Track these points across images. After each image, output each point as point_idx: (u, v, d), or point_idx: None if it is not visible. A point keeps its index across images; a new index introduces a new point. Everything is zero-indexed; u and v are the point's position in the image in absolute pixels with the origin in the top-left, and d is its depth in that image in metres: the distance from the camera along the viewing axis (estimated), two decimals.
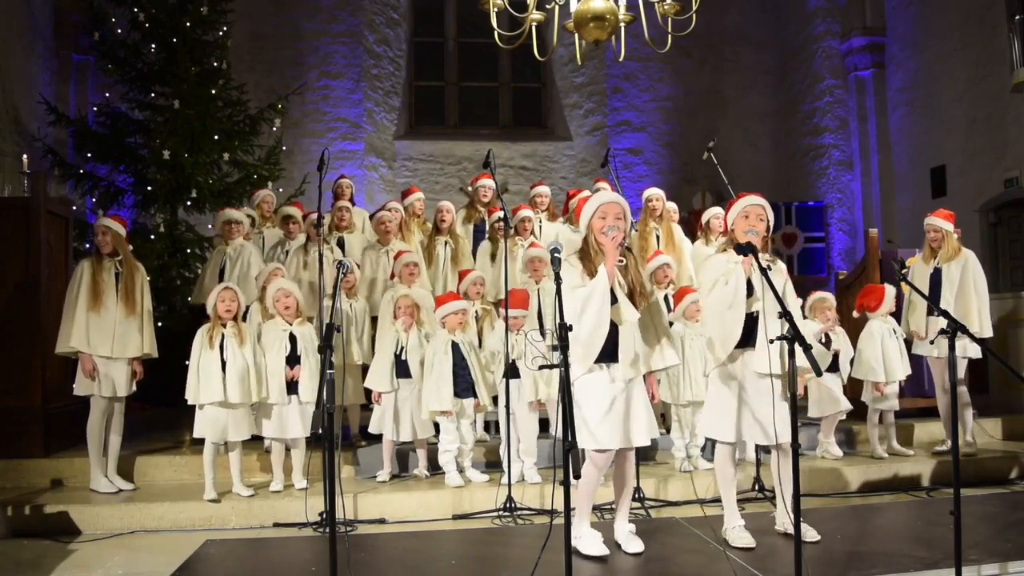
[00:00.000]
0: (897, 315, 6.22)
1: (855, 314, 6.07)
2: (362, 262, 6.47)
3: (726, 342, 3.91)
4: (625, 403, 3.74)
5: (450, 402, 5.15)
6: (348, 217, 6.87)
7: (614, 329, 3.72)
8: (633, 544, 3.91)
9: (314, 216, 6.11)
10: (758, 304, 3.80)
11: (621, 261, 3.79)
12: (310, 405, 5.16)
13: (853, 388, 5.96)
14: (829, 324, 5.59)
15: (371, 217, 7.04)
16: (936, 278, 5.87)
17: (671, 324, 5.42)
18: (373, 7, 12.76)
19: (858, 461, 5.81)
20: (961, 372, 5.90)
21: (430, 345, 5.29)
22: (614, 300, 3.71)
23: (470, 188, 7.51)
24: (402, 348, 5.34)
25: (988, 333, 5.79)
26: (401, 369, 5.33)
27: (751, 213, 3.98)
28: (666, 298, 5.74)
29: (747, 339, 3.87)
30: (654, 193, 6.88)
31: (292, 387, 5.19)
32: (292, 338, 5.23)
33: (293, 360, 5.19)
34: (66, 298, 5.19)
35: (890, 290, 5.93)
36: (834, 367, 5.70)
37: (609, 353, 3.72)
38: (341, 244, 6.72)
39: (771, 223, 4.03)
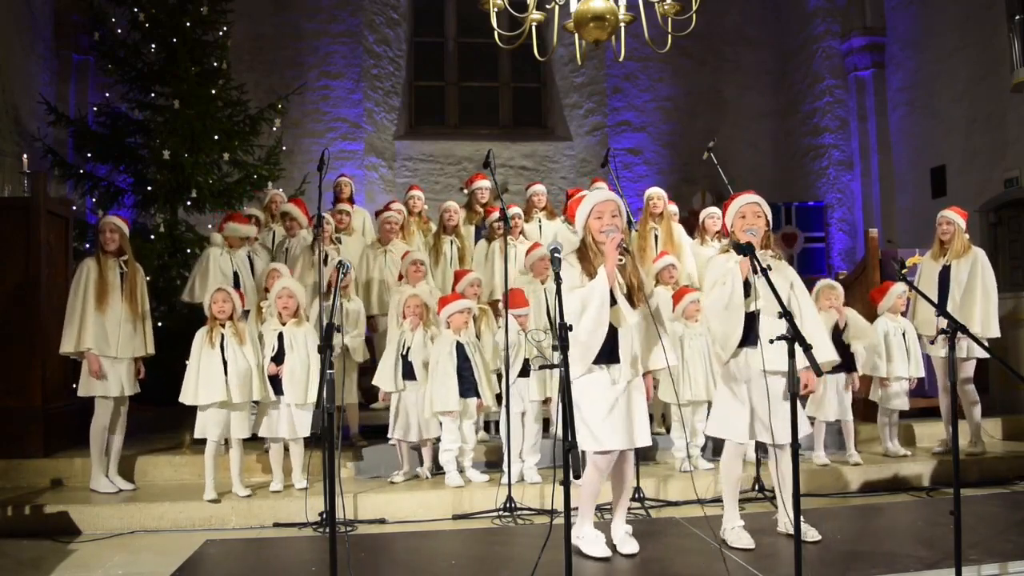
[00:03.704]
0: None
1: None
2: (359, 261, 6.46)
3: (727, 342, 3.92)
4: (626, 404, 3.74)
5: (456, 402, 5.15)
6: (347, 220, 6.88)
7: (613, 331, 3.71)
8: (628, 545, 3.90)
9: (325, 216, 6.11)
10: (758, 303, 3.80)
11: (620, 261, 3.77)
12: (297, 406, 5.15)
13: (863, 386, 5.95)
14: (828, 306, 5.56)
15: (376, 215, 7.02)
16: (945, 276, 5.82)
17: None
18: (373, 7, 12.75)
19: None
20: (970, 372, 5.89)
21: (435, 346, 5.29)
22: (613, 302, 3.70)
23: (466, 192, 7.50)
24: (407, 349, 5.33)
25: (994, 333, 5.70)
26: (406, 370, 5.32)
27: (748, 212, 4.00)
28: None
29: (749, 338, 3.87)
30: (656, 192, 6.85)
31: (279, 386, 5.17)
32: (281, 337, 5.21)
33: (280, 359, 5.18)
34: (70, 298, 5.17)
35: (897, 287, 5.90)
36: (842, 368, 5.46)
37: (608, 354, 3.71)
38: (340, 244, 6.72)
39: (769, 219, 4.04)
